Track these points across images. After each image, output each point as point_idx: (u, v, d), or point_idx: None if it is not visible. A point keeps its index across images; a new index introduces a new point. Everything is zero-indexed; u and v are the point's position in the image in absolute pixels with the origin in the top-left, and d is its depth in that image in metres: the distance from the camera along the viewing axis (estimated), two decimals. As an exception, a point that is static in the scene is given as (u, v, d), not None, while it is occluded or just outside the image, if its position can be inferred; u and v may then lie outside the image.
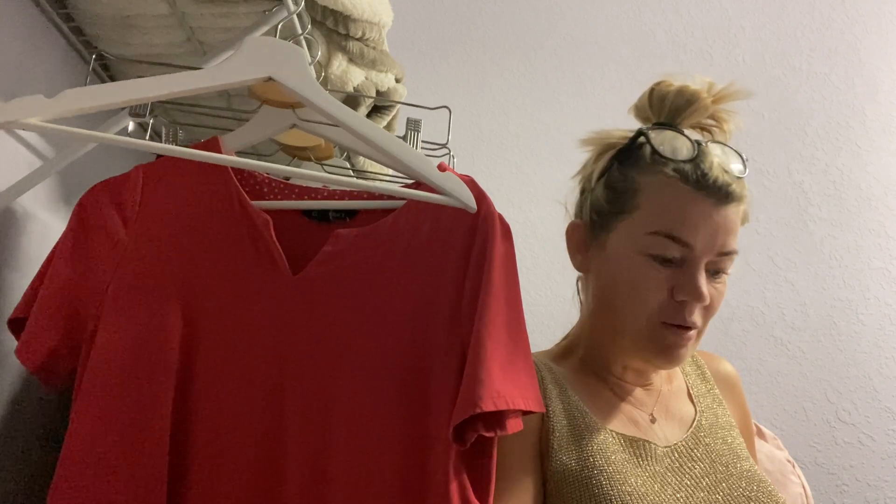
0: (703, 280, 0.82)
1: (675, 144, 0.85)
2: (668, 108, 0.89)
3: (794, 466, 1.21)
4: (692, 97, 0.88)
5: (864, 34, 1.87)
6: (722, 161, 0.84)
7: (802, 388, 1.70)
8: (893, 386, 1.70)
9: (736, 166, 0.86)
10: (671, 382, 0.95)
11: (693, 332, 0.85)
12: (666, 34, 1.87)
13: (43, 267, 0.72)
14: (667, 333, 0.83)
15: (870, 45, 1.87)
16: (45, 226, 0.85)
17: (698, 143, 0.85)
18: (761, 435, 1.25)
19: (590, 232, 0.91)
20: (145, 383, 0.69)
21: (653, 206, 0.84)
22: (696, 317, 0.84)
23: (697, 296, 0.81)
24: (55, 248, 0.73)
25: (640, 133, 0.88)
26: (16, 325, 0.72)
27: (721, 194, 0.82)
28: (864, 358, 1.72)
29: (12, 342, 0.71)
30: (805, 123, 1.83)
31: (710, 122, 0.91)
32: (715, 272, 0.84)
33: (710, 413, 0.93)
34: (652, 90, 0.91)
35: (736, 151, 0.88)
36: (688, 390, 0.95)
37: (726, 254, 0.84)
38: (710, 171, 0.83)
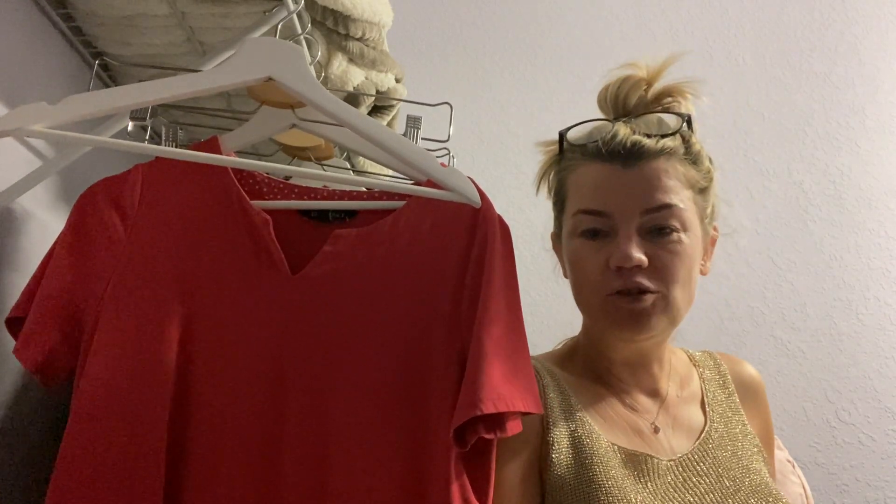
0: (630, 243, 0.80)
1: (591, 132, 0.88)
2: (610, 101, 0.90)
3: (794, 466, 1.20)
4: (626, 79, 0.89)
5: (864, 34, 1.87)
6: (637, 126, 0.84)
7: (802, 388, 1.70)
8: (893, 386, 1.70)
9: (661, 129, 0.85)
10: (684, 388, 0.93)
11: (650, 297, 0.81)
12: (666, 34, 1.87)
13: (41, 265, 0.72)
14: (619, 303, 0.82)
15: (870, 45, 1.87)
16: (45, 226, 0.85)
17: (618, 120, 0.86)
18: (762, 435, 1.24)
19: (556, 239, 0.94)
20: (143, 382, 0.69)
21: (572, 191, 0.87)
22: (644, 280, 0.81)
23: (624, 258, 0.80)
24: (53, 246, 0.73)
25: (559, 134, 0.90)
26: (14, 324, 0.72)
27: (628, 155, 0.82)
28: (864, 358, 1.72)
29: (12, 342, 0.71)
30: (805, 123, 1.83)
31: (669, 99, 0.90)
32: (659, 231, 0.82)
33: (722, 422, 0.90)
34: (599, 94, 0.92)
35: (678, 115, 0.87)
36: (702, 397, 0.92)
37: (656, 210, 0.82)
38: (611, 139, 0.83)
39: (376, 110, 1.10)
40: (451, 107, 0.91)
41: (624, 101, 0.88)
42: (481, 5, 1.85)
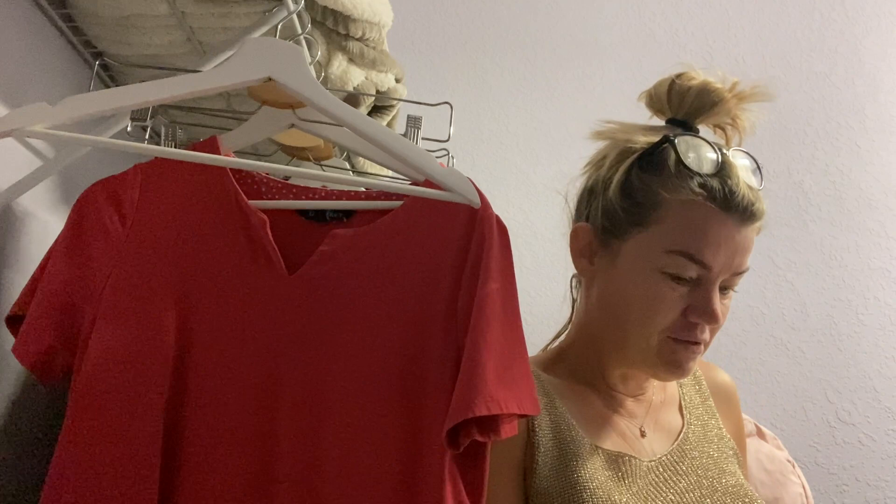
0: (717, 302, 0.80)
1: (700, 154, 0.81)
2: (688, 105, 0.84)
3: (794, 466, 1.21)
4: (715, 97, 0.84)
5: (864, 34, 1.87)
6: (746, 176, 0.81)
7: (802, 388, 1.70)
8: (893, 386, 1.70)
9: (756, 178, 0.83)
10: (664, 392, 0.94)
11: (701, 347, 0.83)
12: (666, 34, 1.87)
13: (41, 264, 0.73)
14: (676, 348, 0.82)
15: (870, 45, 1.87)
16: (45, 225, 0.85)
17: (721, 151, 0.81)
18: (761, 435, 1.24)
19: (599, 237, 0.86)
20: (140, 381, 0.69)
21: (675, 223, 0.80)
22: (706, 334, 0.83)
23: (712, 318, 0.80)
24: (53, 245, 0.73)
25: (665, 139, 0.82)
26: (13, 322, 0.72)
27: (746, 214, 0.79)
28: (864, 358, 1.72)
29: (12, 340, 0.72)
30: (805, 123, 1.83)
31: (726, 120, 0.87)
32: (725, 289, 0.83)
33: (698, 425, 0.91)
34: (672, 83, 0.85)
35: (752, 158, 0.84)
36: (679, 401, 0.93)
37: (740, 273, 0.82)
38: (736, 188, 0.79)
39: (376, 110, 1.10)
40: (452, 107, 0.90)
41: (701, 120, 0.85)
42: (481, 5, 1.85)
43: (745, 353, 1.71)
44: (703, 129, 0.88)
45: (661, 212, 0.81)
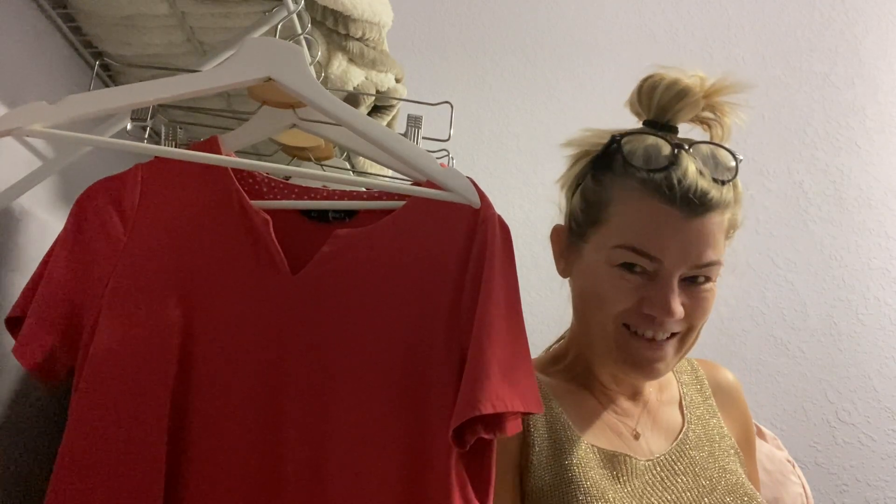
0: (673, 296, 0.78)
1: (650, 151, 0.81)
2: (656, 103, 0.84)
3: (794, 466, 1.21)
4: (682, 92, 0.83)
5: (864, 34, 1.87)
6: (701, 167, 0.79)
7: (802, 388, 1.70)
8: (893, 386, 1.71)
9: (722, 170, 0.81)
10: (663, 392, 0.94)
11: (670, 344, 0.82)
12: (666, 34, 1.87)
13: (41, 265, 0.72)
14: (637, 346, 0.81)
15: (870, 45, 1.87)
16: (45, 226, 0.85)
17: (679, 147, 0.80)
18: (761, 435, 1.24)
19: (569, 240, 0.89)
20: (143, 382, 0.69)
21: (621, 218, 0.81)
22: (672, 326, 0.81)
23: (666, 312, 0.78)
24: (53, 246, 0.73)
25: (612, 139, 0.84)
26: (13, 323, 0.72)
27: (693, 205, 0.78)
28: (864, 358, 1.72)
29: (12, 342, 0.71)
30: (805, 123, 1.83)
31: (709, 115, 0.86)
32: (694, 279, 0.81)
33: (699, 424, 0.91)
34: (641, 85, 0.86)
35: (728, 151, 0.83)
36: (680, 400, 0.93)
37: (703, 266, 0.80)
38: (681, 180, 0.78)
39: (376, 110, 1.10)
40: (452, 107, 0.90)
41: (673, 115, 0.84)
42: (481, 5, 1.85)
43: (745, 353, 1.71)
44: (701, 130, 0.88)
45: (611, 209, 0.82)
